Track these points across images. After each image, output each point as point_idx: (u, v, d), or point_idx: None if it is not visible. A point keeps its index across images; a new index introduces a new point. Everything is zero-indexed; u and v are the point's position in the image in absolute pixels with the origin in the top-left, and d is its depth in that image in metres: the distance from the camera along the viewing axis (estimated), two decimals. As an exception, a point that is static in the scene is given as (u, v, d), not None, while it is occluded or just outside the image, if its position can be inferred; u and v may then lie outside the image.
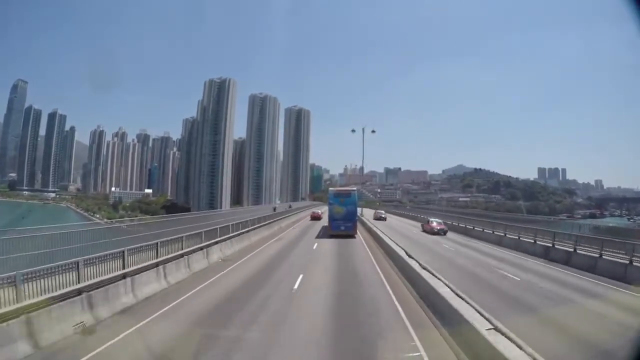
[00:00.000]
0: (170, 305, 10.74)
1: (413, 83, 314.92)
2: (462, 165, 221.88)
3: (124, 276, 10.63)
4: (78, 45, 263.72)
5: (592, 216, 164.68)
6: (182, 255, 14.63)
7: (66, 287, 8.56)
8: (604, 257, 16.71)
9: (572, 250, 18.59)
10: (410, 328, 8.86)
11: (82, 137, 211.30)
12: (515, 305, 11.33)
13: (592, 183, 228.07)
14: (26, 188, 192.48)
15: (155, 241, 12.97)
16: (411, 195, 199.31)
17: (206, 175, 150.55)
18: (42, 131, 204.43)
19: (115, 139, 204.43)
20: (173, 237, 14.47)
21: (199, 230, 17.27)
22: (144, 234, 13.29)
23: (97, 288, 9.46)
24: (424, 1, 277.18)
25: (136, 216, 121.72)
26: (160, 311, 10.20)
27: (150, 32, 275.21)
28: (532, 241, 22.42)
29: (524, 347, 5.86)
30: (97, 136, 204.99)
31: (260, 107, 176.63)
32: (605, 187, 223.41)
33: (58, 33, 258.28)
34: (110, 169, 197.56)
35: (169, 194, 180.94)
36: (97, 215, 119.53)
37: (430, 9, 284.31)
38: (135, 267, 11.31)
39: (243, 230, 24.03)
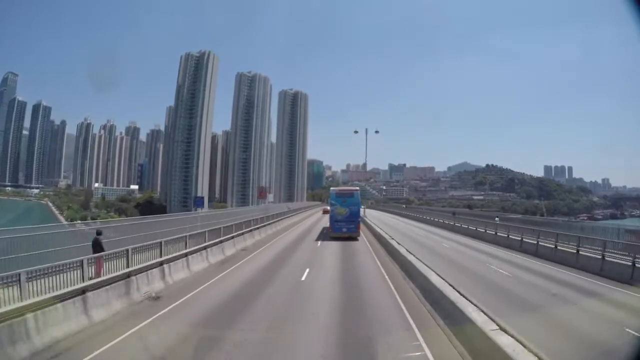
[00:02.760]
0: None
1: (416, 79, 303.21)
2: (467, 163, 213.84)
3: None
4: (70, 38, 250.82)
5: (613, 217, 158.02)
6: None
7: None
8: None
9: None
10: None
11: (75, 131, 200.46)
12: None
13: (600, 181, 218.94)
14: (9, 184, 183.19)
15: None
16: (419, 192, 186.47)
17: (178, 167, 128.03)
18: (42, 126, 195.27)
19: (102, 131, 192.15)
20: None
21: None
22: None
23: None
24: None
25: (109, 215, 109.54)
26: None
27: (144, 16, 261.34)
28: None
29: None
30: (84, 129, 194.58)
31: (248, 88, 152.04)
32: (612, 186, 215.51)
33: (49, 26, 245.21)
34: (97, 164, 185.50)
35: (158, 190, 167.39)
36: (65, 214, 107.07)
37: (438, 4, 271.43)
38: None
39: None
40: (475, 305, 8.20)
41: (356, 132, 39.30)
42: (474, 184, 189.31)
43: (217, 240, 19.34)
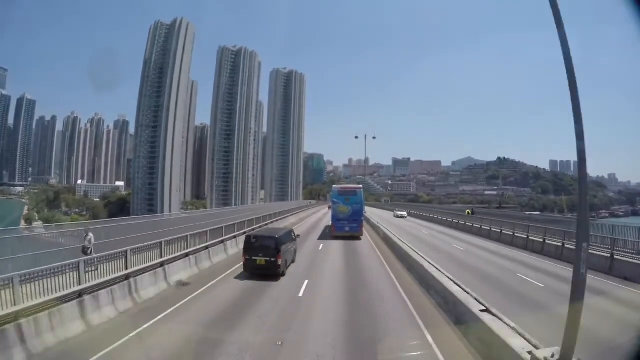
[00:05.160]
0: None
1: (419, 73, 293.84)
2: (470, 158, 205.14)
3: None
4: (63, 33, 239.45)
5: (635, 214, 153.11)
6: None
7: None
8: None
9: None
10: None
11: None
12: None
13: (606, 177, 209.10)
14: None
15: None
16: (427, 187, 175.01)
17: (143, 157, 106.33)
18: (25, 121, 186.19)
19: (88, 125, 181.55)
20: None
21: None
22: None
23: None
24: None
25: (81, 215, 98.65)
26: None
27: (138, 8, 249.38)
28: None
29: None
30: (71, 123, 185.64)
31: (231, 64, 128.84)
32: (619, 181, 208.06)
33: (39, 21, 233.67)
34: (82, 160, 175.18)
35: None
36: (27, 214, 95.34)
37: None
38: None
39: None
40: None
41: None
42: (486, 178, 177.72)
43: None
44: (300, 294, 11.90)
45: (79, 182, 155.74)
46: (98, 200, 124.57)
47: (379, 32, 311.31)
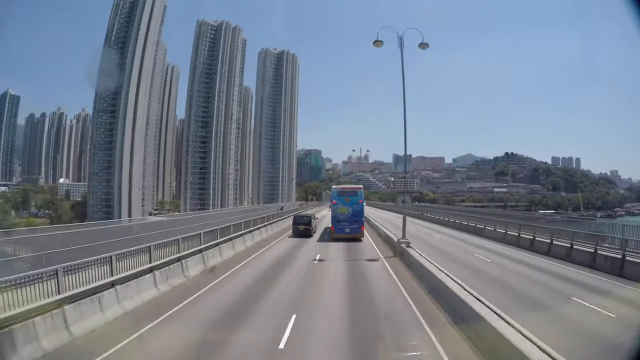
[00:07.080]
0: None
1: (418, 71, 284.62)
2: (471, 155, 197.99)
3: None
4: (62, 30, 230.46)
5: None
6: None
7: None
8: None
9: None
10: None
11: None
12: None
13: (609, 173, 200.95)
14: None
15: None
16: (432, 185, 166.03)
17: (99, 149, 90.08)
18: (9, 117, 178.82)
19: (74, 122, 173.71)
20: None
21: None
22: None
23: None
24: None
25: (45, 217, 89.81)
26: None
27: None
28: None
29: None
30: (57, 120, 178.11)
31: (211, 41, 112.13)
32: (622, 178, 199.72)
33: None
34: (67, 157, 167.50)
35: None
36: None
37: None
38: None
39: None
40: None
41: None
42: (494, 174, 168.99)
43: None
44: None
45: (61, 181, 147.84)
46: (79, 200, 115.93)
47: (378, 29, 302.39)
